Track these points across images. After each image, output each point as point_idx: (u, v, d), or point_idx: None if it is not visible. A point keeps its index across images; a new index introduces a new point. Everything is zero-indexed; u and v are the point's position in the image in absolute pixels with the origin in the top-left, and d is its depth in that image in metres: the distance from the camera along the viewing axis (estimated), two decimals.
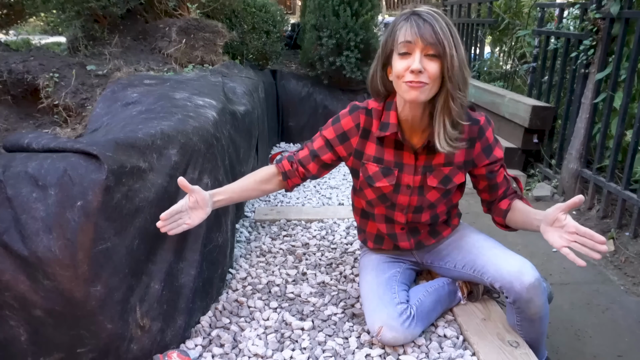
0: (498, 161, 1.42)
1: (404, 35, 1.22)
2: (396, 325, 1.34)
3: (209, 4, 2.78)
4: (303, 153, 1.51)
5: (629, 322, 1.91)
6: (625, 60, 2.61)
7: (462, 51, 1.23)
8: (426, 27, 1.19)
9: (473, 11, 4.83)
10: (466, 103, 1.29)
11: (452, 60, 1.20)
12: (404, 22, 1.23)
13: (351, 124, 1.43)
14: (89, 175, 1.11)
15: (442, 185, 1.41)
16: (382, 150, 1.42)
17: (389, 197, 1.45)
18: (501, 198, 1.46)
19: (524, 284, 1.29)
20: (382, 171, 1.42)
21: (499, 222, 1.50)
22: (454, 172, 1.41)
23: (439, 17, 1.21)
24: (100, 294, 1.14)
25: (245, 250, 1.97)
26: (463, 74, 1.24)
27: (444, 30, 1.20)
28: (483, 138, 1.39)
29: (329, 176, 2.98)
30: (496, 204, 1.48)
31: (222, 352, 1.37)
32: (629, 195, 2.40)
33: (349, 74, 3.44)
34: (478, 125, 1.37)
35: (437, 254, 1.58)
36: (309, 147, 1.50)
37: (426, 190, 1.42)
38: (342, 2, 3.34)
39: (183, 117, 1.51)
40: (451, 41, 1.20)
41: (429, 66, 1.21)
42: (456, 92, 1.23)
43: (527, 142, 3.33)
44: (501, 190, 1.46)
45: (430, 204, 1.45)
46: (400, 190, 1.43)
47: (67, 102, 1.84)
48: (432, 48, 1.20)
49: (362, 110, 1.42)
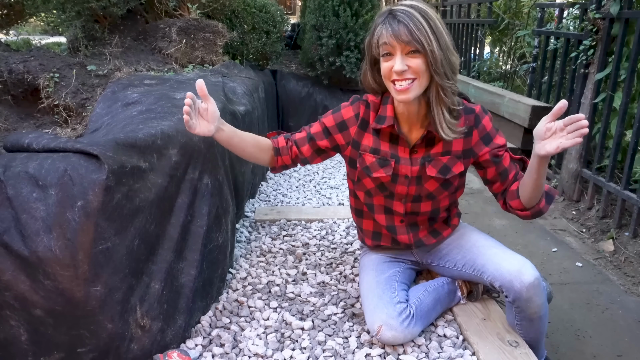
0: (501, 147, 1.41)
1: (382, 38, 1.25)
2: (395, 324, 1.35)
3: (209, 4, 2.78)
4: (300, 135, 1.53)
5: (628, 321, 1.92)
6: (624, 60, 2.61)
7: (445, 39, 1.24)
8: (401, 28, 1.21)
9: (473, 11, 4.83)
10: (456, 89, 1.31)
11: (433, 54, 1.22)
12: (381, 26, 1.26)
13: (351, 114, 1.45)
14: (89, 175, 1.11)
15: (441, 175, 1.41)
16: (378, 142, 1.44)
17: (387, 187, 1.46)
18: (512, 183, 1.42)
19: (524, 283, 1.29)
20: (379, 162, 1.43)
21: (516, 206, 1.39)
22: (453, 161, 1.41)
23: (415, 12, 1.22)
24: (100, 294, 1.14)
25: (246, 250, 1.97)
26: (449, 62, 1.26)
27: (420, 26, 1.21)
28: (480, 126, 1.39)
29: (329, 176, 2.98)
30: (509, 188, 1.42)
31: (222, 352, 1.37)
32: (628, 195, 2.40)
33: (349, 74, 3.44)
34: (474, 114, 1.39)
35: (436, 253, 1.58)
36: (306, 130, 1.53)
37: (425, 179, 1.43)
38: (342, 2, 3.34)
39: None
40: (428, 35, 1.21)
41: (413, 62, 1.23)
42: (444, 81, 1.25)
43: (526, 142, 3.33)
44: (511, 174, 1.41)
45: (429, 194, 1.45)
46: (398, 180, 1.44)
47: (67, 102, 1.84)
48: (410, 46, 1.22)
49: (363, 102, 1.45)
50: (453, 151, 1.41)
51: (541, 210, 1.37)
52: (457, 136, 1.33)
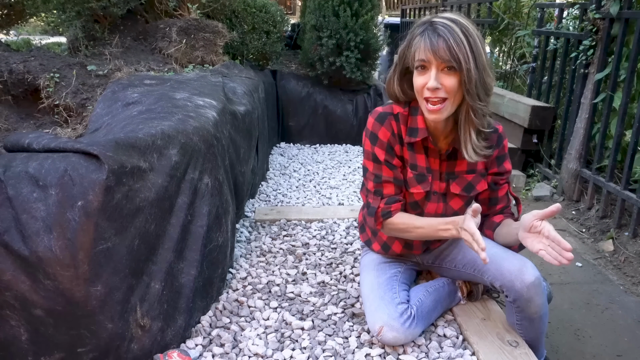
0: (505, 174, 1.43)
1: (419, 52, 1.22)
2: (397, 325, 1.35)
3: (209, 4, 2.78)
4: (386, 191, 1.40)
5: (628, 321, 1.92)
6: (624, 60, 2.61)
7: (482, 59, 1.20)
8: (440, 43, 1.17)
9: (473, 11, 4.83)
10: (488, 112, 1.28)
11: (468, 73, 1.18)
12: (419, 37, 1.22)
13: (388, 134, 1.38)
14: (89, 175, 1.11)
15: (465, 193, 1.41)
16: (414, 156, 1.40)
17: (420, 205, 1.44)
18: (496, 213, 1.47)
19: (525, 282, 1.30)
20: (417, 178, 1.40)
21: (487, 234, 1.46)
22: (477, 179, 1.41)
23: (456, 27, 1.18)
24: (100, 294, 1.14)
25: (246, 250, 1.97)
26: (484, 83, 1.22)
27: (460, 43, 1.17)
28: (501, 146, 1.40)
29: (329, 176, 2.98)
30: (490, 217, 1.47)
31: (222, 352, 1.37)
32: (628, 195, 2.40)
33: (349, 74, 3.44)
34: (497, 134, 1.39)
35: (438, 253, 1.58)
36: (377, 185, 1.41)
37: (449, 197, 1.42)
38: (342, 2, 3.34)
39: (183, 117, 1.51)
40: (467, 54, 1.18)
41: (447, 81, 1.20)
42: (476, 103, 1.22)
43: (526, 142, 3.33)
44: (499, 206, 1.46)
45: (455, 213, 1.43)
46: (431, 198, 1.43)
47: (67, 102, 1.84)
48: (447, 63, 1.19)
49: (390, 116, 1.38)
50: (478, 170, 1.41)
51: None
52: (481, 159, 1.30)
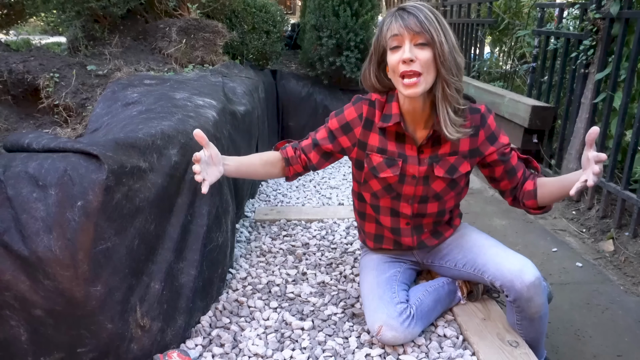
0: (506, 145, 1.43)
1: (391, 30, 1.27)
2: (396, 324, 1.35)
3: (209, 4, 2.78)
4: (306, 142, 1.54)
5: (628, 321, 1.92)
6: (624, 60, 2.61)
7: (451, 37, 1.27)
8: (411, 18, 1.24)
9: (473, 11, 4.83)
10: (461, 88, 1.31)
11: (441, 46, 1.23)
12: (390, 18, 1.28)
13: (354, 115, 1.45)
14: (89, 175, 1.11)
15: (449, 175, 1.42)
16: (385, 141, 1.43)
17: (394, 188, 1.45)
18: (523, 181, 1.44)
19: (525, 282, 1.30)
20: (386, 162, 1.43)
21: (531, 205, 1.43)
22: (460, 161, 1.42)
23: (423, 8, 1.26)
24: (100, 294, 1.14)
25: (246, 250, 1.97)
26: (455, 59, 1.27)
27: (429, 18, 1.24)
28: (486, 125, 1.40)
29: (329, 176, 2.98)
30: (520, 189, 1.45)
31: (222, 352, 1.37)
32: (628, 195, 2.40)
33: (349, 74, 3.44)
34: (479, 114, 1.40)
35: (437, 253, 1.58)
36: (312, 135, 1.54)
37: (432, 179, 1.43)
38: (342, 2, 3.34)
39: (183, 117, 1.51)
40: (438, 28, 1.24)
41: (420, 54, 1.24)
42: (450, 77, 1.26)
43: (526, 142, 3.33)
44: (519, 172, 1.44)
45: (436, 194, 1.45)
46: (406, 181, 1.44)
47: (67, 102, 1.84)
48: (420, 36, 1.23)
49: (366, 101, 1.44)
50: (460, 151, 1.41)
51: (551, 207, 1.45)
52: (462, 136, 1.32)
